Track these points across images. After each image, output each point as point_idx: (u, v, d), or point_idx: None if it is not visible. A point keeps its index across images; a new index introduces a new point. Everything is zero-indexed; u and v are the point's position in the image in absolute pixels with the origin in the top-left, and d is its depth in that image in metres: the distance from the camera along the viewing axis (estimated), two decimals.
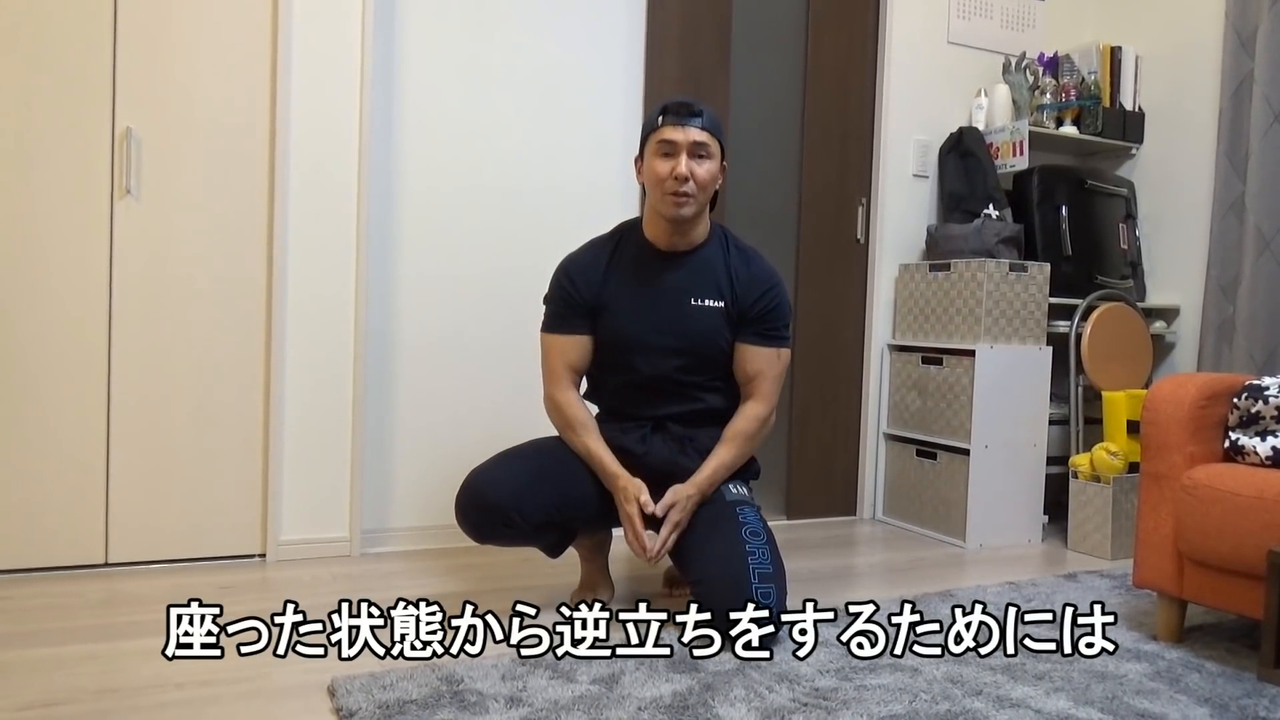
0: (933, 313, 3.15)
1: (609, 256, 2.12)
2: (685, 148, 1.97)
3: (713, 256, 2.09)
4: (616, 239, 2.14)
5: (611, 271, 2.10)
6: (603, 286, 2.09)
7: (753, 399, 2.09)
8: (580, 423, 2.08)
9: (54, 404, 2.30)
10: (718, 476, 2.06)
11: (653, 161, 2.01)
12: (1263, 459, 1.95)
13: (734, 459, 2.07)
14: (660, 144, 1.99)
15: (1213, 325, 3.17)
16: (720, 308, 2.07)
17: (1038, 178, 3.27)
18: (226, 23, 2.41)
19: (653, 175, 2.01)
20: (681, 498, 2.01)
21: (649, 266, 2.09)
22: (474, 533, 2.03)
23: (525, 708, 1.58)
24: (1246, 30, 3.10)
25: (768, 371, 2.08)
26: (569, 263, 2.13)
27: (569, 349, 2.10)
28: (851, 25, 3.28)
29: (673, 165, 1.97)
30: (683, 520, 2.01)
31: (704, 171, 1.99)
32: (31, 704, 1.57)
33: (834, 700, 1.66)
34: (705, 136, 1.98)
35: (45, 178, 2.27)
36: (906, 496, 3.23)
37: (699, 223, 2.07)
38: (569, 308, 2.09)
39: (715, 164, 2.02)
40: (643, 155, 2.05)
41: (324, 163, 2.52)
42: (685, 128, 1.97)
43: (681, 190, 1.97)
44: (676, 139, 1.97)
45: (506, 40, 2.77)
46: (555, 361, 2.10)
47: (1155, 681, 1.81)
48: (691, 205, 2.00)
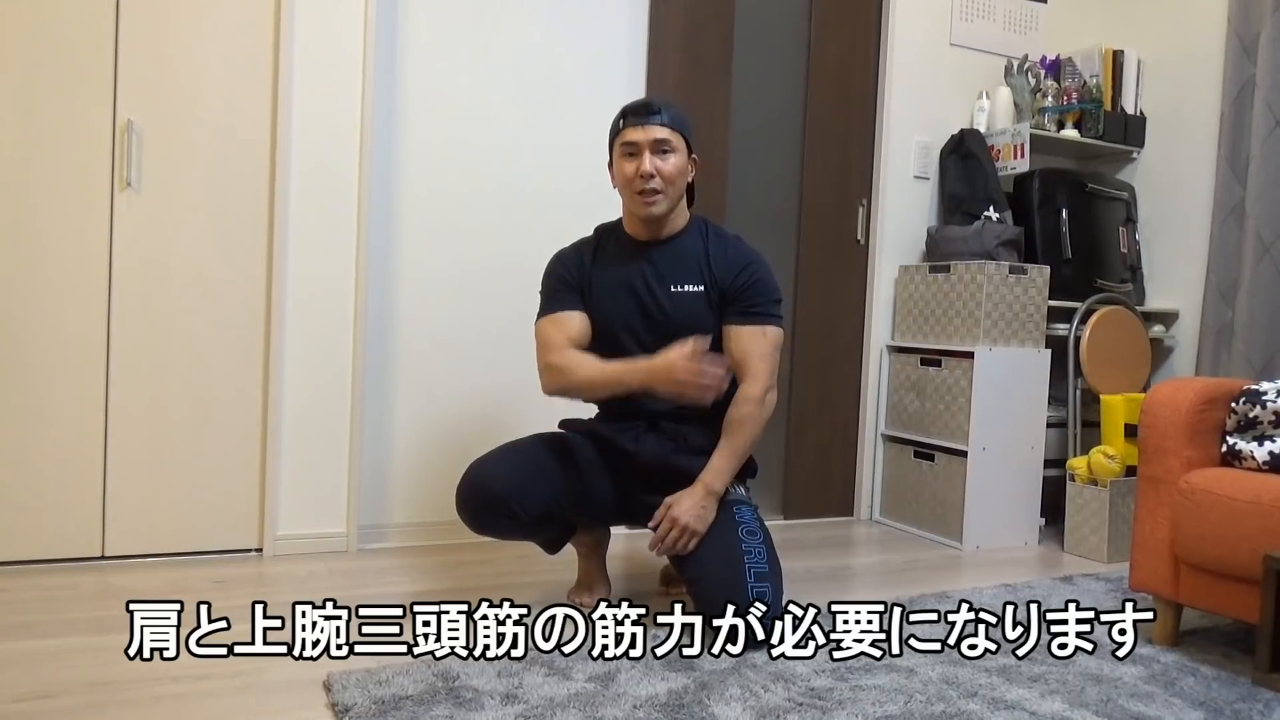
0: (932, 314, 3.15)
1: (593, 251, 2.15)
2: (647, 146, 1.99)
3: (691, 243, 2.11)
4: (599, 236, 2.18)
5: (596, 264, 2.13)
6: (590, 274, 2.12)
7: (744, 380, 2.04)
8: (588, 362, 2.00)
9: (52, 396, 2.30)
10: (721, 469, 2.00)
11: (619, 164, 2.04)
12: (1260, 464, 1.95)
13: (735, 448, 2.02)
14: (623, 146, 2.02)
15: (1211, 330, 3.17)
16: (700, 291, 2.07)
17: (1038, 180, 3.27)
18: (228, 15, 2.41)
19: (621, 177, 2.04)
20: (682, 508, 1.95)
21: (630, 258, 2.11)
22: (474, 523, 2.03)
23: (521, 704, 1.58)
24: (1249, 35, 3.10)
25: (754, 350, 2.04)
26: (556, 257, 2.17)
27: (566, 323, 2.07)
28: (854, 26, 3.28)
29: (637, 165, 2.00)
30: (691, 524, 1.94)
31: (669, 166, 2.01)
32: (25, 696, 1.57)
33: (829, 700, 1.66)
34: (666, 133, 2.00)
35: (45, 170, 2.27)
36: (904, 498, 3.23)
37: (675, 216, 2.09)
38: (563, 286, 2.11)
39: (681, 158, 2.03)
40: (612, 160, 2.08)
41: (325, 157, 2.52)
42: (646, 127, 2.00)
43: (649, 188, 2.00)
44: (638, 139, 2.00)
45: (509, 36, 2.77)
46: (554, 335, 2.05)
47: (1150, 685, 1.81)
48: (662, 201, 2.02)
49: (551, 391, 2.05)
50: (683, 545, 1.96)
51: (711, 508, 1.98)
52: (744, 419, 2.03)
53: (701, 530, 1.96)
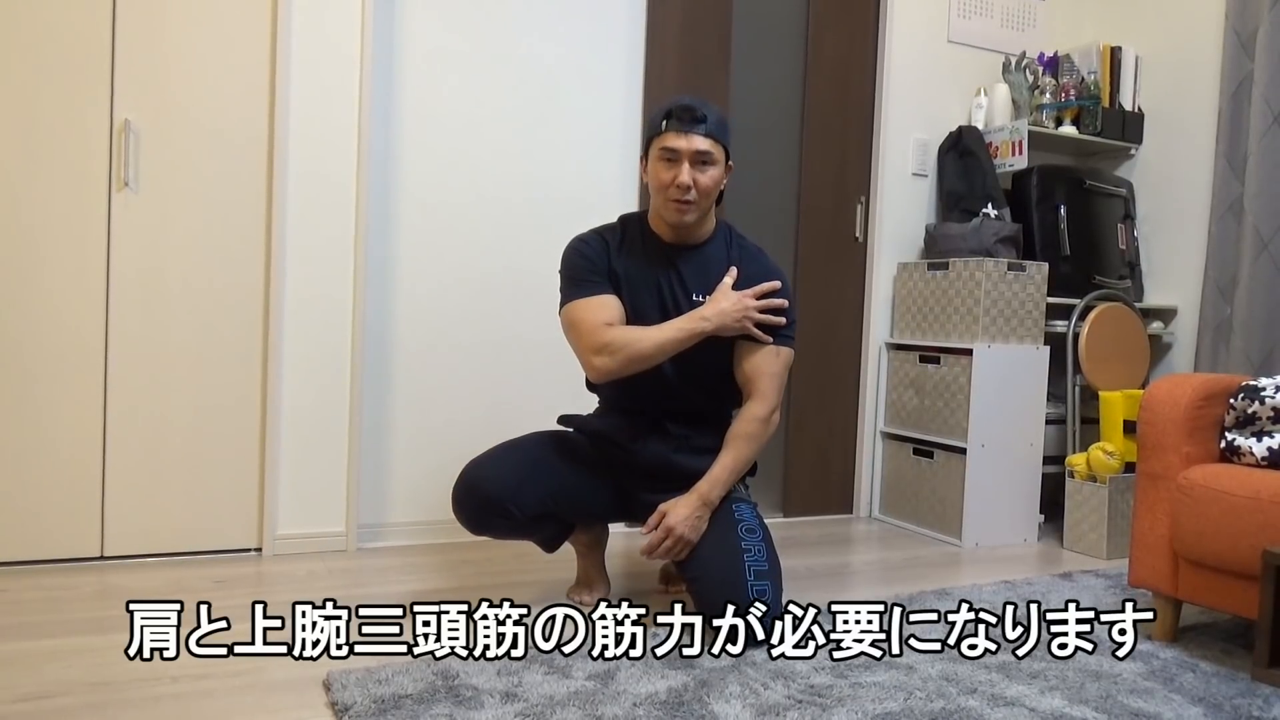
0: (931, 311, 3.15)
1: (618, 240, 2.09)
2: (688, 156, 1.94)
3: (716, 253, 2.08)
4: (623, 225, 2.13)
5: (620, 253, 2.08)
6: (614, 261, 2.06)
7: (752, 399, 2.03)
8: (640, 330, 1.98)
9: (51, 397, 2.30)
10: (719, 479, 1.99)
11: (656, 166, 1.98)
12: (1259, 459, 1.95)
13: (735, 462, 2.01)
14: (663, 150, 1.96)
15: (1210, 326, 3.17)
16: None
17: (1037, 177, 3.27)
18: (226, 15, 2.40)
19: (656, 180, 1.99)
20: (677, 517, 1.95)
21: (653, 257, 2.07)
22: (470, 523, 2.03)
23: (520, 703, 1.58)
24: (1246, 31, 3.10)
25: (765, 369, 2.03)
26: (578, 240, 2.09)
27: (601, 306, 2.00)
28: (852, 24, 3.28)
29: (675, 174, 1.94)
30: (686, 534, 1.94)
31: (707, 179, 1.97)
32: (26, 696, 1.57)
33: (829, 697, 1.66)
34: (708, 144, 1.95)
35: (43, 170, 2.27)
36: (903, 495, 3.23)
37: (704, 222, 2.06)
38: (591, 270, 2.04)
39: (719, 170, 1.99)
40: (647, 155, 2.03)
41: (323, 156, 2.52)
42: (689, 135, 1.94)
43: (684, 199, 1.96)
44: (680, 147, 1.94)
45: (506, 38, 2.76)
46: (593, 316, 1.98)
47: (1150, 681, 1.81)
48: (694, 212, 1.99)
49: (608, 374, 1.98)
50: (675, 555, 1.96)
51: (705, 517, 1.98)
52: (748, 436, 2.02)
53: (695, 540, 1.96)
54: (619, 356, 1.95)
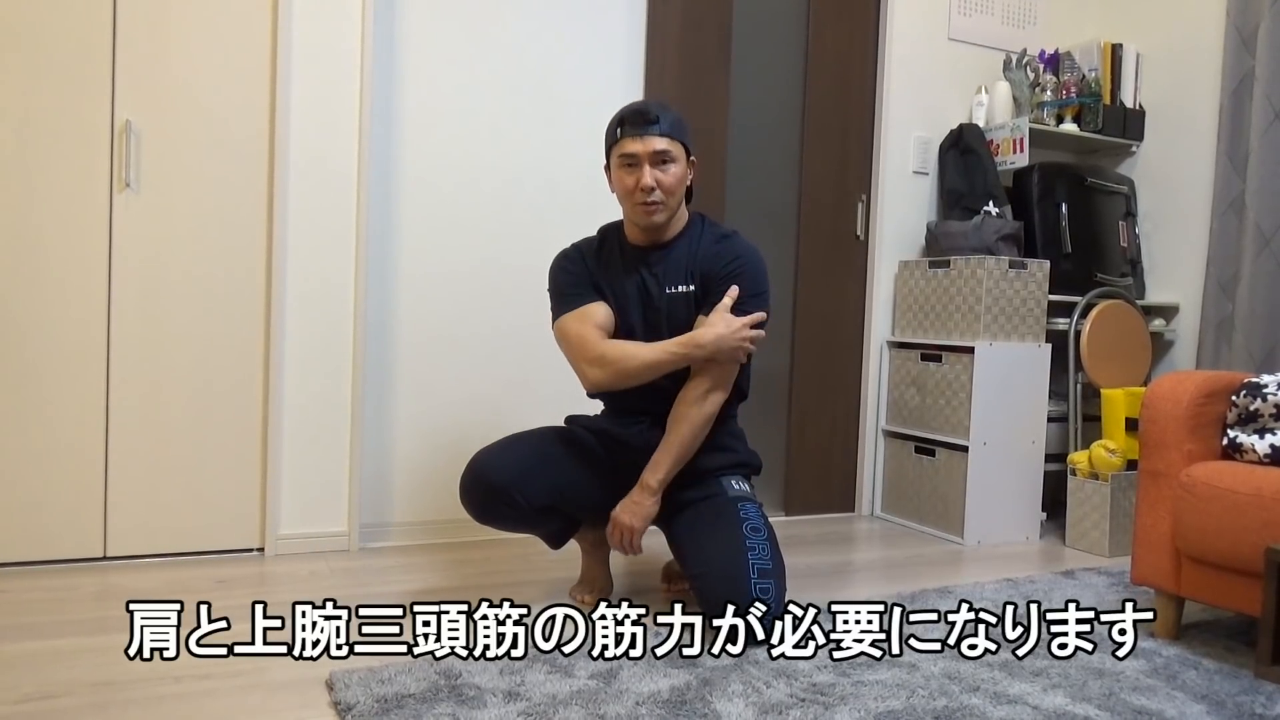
0: (932, 309, 3.15)
1: (596, 252, 2.14)
2: (647, 158, 1.97)
3: (687, 244, 2.10)
4: (601, 238, 2.17)
5: (599, 264, 2.12)
6: (595, 274, 2.11)
7: (691, 377, 2.02)
8: (635, 346, 2.00)
9: (53, 397, 2.30)
10: (658, 463, 2.01)
11: (618, 174, 2.02)
12: (1261, 457, 1.95)
13: (673, 446, 2.01)
14: (622, 157, 2.00)
15: (1212, 323, 3.16)
16: (690, 291, 2.06)
17: (1038, 175, 3.27)
18: (226, 15, 2.40)
19: (621, 188, 2.03)
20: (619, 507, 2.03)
21: (630, 261, 2.10)
22: (476, 512, 2.04)
23: (523, 702, 1.58)
24: (1247, 28, 3.09)
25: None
26: (560, 256, 2.15)
27: (592, 315, 2.05)
28: (852, 21, 3.28)
29: (637, 177, 1.98)
30: (625, 520, 2.01)
31: (669, 178, 1.99)
32: (29, 696, 1.57)
33: (831, 696, 1.66)
34: (665, 143, 1.97)
35: (44, 170, 2.27)
36: (905, 493, 3.23)
37: (675, 220, 2.08)
38: (578, 282, 2.09)
39: (680, 166, 2.01)
40: (609, 167, 2.06)
41: (324, 155, 2.52)
42: (644, 138, 1.97)
43: (650, 200, 1.99)
44: (637, 150, 1.97)
45: (507, 34, 2.76)
46: (585, 329, 2.03)
47: (1152, 678, 1.81)
48: (662, 211, 2.02)
49: (600, 385, 2.02)
50: (626, 543, 2.02)
51: (647, 503, 2.02)
52: (682, 418, 2.02)
53: (638, 525, 2.01)
54: (609, 370, 1.99)
